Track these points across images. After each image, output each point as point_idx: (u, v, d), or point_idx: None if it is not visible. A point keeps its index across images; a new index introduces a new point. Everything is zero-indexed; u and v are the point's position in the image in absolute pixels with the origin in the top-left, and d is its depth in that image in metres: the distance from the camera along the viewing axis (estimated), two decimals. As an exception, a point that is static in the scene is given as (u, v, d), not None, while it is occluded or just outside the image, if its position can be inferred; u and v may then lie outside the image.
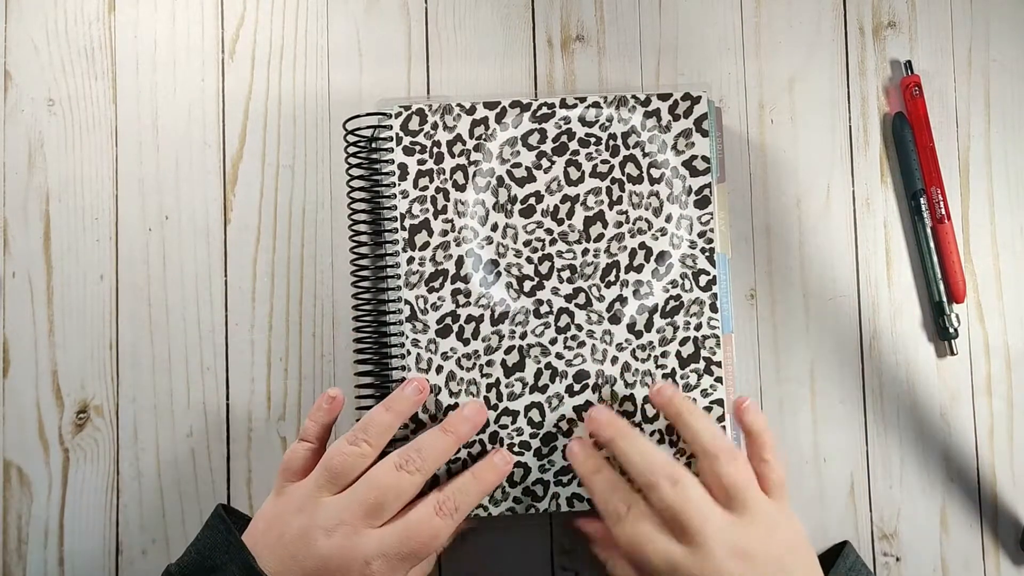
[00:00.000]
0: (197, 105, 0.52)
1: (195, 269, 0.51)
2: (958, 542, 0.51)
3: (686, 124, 0.48)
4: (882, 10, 0.53)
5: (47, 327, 0.51)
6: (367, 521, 0.42)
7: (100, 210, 0.51)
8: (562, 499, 0.48)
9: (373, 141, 0.49)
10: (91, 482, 0.50)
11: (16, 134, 0.51)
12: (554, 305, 0.48)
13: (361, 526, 0.41)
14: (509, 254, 0.48)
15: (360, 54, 0.52)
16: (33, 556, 0.50)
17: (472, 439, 0.47)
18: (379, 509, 0.42)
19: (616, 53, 0.53)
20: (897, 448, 0.51)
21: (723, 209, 0.50)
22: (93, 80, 0.52)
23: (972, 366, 0.52)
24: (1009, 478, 0.51)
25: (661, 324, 0.48)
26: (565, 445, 0.47)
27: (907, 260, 0.52)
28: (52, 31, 0.52)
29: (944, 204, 0.51)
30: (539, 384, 0.48)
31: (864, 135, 0.53)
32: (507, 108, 0.48)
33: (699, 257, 0.48)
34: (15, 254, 0.51)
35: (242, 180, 0.52)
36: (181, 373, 0.51)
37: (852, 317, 0.52)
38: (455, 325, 0.48)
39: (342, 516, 0.42)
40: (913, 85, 0.52)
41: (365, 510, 0.42)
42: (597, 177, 0.48)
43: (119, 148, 0.52)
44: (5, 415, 0.50)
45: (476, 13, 0.53)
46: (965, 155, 0.53)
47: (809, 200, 0.52)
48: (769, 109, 0.52)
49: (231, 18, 0.52)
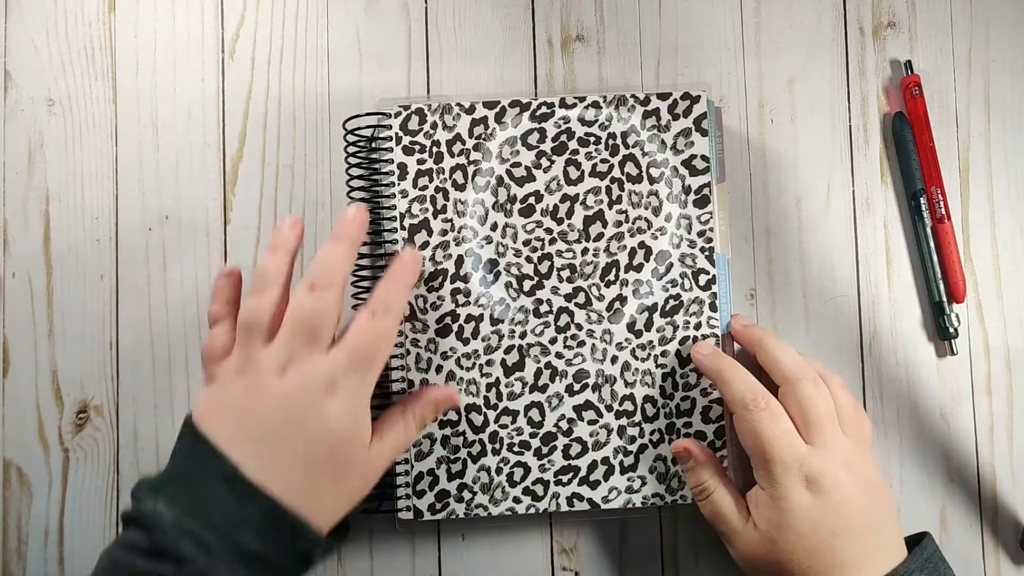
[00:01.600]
0: (197, 105, 0.52)
1: (195, 269, 0.51)
2: (958, 542, 0.51)
3: (685, 123, 0.48)
4: (882, 10, 0.53)
5: (47, 327, 0.51)
6: (310, 348, 0.40)
7: (100, 210, 0.51)
8: (562, 499, 0.48)
9: (373, 141, 0.49)
10: (91, 482, 0.50)
11: (16, 134, 0.51)
12: (554, 304, 0.48)
13: (307, 354, 0.40)
14: (509, 253, 0.48)
15: (360, 54, 0.52)
16: (33, 556, 0.50)
17: (472, 439, 0.47)
18: (315, 332, 0.41)
19: (616, 53, 0.53)
20: (897, 448, 0.51)
21: (723, 209, 0.50)
22: (93, 80, 0.52)
23: (972, 366, 0.52)
24: (1009, 478, 0.51)
25: (661, 323, 0.48)
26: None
27: (907, 260, 0.52)
28: (52, 31, 0.52)
29: (944, 204, 0.51)
30: (539, 383, 0.48)
31: (864, 135, 0.52)
32: (507, 108, 0.48)
33: (699, 256, 0.48)
34: (15, 254, 0.51)
35: (242, 180, 0.52)
36: (181, 373, 0.51)
37: (852, 317, 0.52)
38: (455, 324, 0.48)
39: (286, 353, 0.40)
40: (913, 85, 0.52)
41: (304, 338, 0.40)
42: (596, 176, 0.48)
43: (119, 148, 0.52)
44: (5, 415, 0.50)
45: (476, 13, 0.53)
46: (965, 155, 0.53)
47: (809, 200, 0.52)
48: (769, 109, 0.52)
49: (231, 18, 0.52)
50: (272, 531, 0.39)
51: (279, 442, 0.40)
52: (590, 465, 0.48)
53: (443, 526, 0.50)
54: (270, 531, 0.39)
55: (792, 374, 0.44)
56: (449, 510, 0.47)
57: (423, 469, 0.47)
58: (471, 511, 0.47)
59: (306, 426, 0.40)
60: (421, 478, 0.47)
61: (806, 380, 0.43)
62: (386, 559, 0.50)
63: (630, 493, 0.48)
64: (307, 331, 0.41)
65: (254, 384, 0.41)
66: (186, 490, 0.39)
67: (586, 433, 0.48)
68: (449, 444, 0.47)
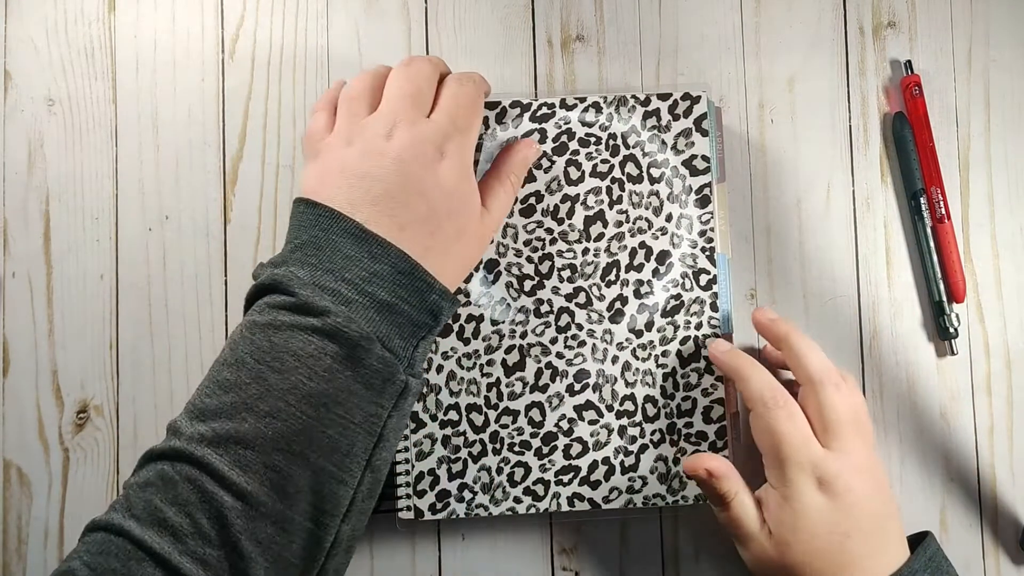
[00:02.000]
0: (197, 105, 0.52)
1: (195, 269, 0.51)
2: (958, 542, 0.51)
3: (686, 124, 0.48)
4: (882, 10, 0.53)
5: (47, 327, 0.51)
6: (415, 112, 0.42)
7: (100, 210, 0.51)
8: (562, 499, 0.48)
9: (373, 141, 0.49)
10: (91, 482, 0.50)
11: (16, 134, 0.51)
12: (554, 304, 0.48)
13: (414, 117, 0.42)
14: (509, 253, 0.48)
15: (360, 54, 0.52)
16: (33, 556, 0.50)
17: (472, 439, 0.47)
18: (419, 95, 0.43)
19: (616, 53, 0.53)
20: (897, 448, 0.51)
21: (723, 209, 0.50)
22: (93, 80, 0.52)
23: (972, 366, 0.52)
24: (1009, 478, 0.51)
25: (661, 323, 0.48)
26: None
27: (907, 260, 0.52)
28: (52, 31, 0.52)
29: (944, 204, 0.51)
30: (539, 383, 0.48)
31: (864, 135, 0.53)
32: (507, 108, 0.48)
33: (699, 256, 0.48)
34: (15, 254, 0.51)
35: (242, 180, 0.52)
36: (181, 373, 0.51)
37: (852, 317, 0.52)
38: (455, 324, 0.48)
39: (392, 117, 0.42)
40: (913, 85, 0.52)
41: (409, 102, 0.42)
42: (597, 177, 0.48)
43: (119, 148, 0.52)
44: (5, 415, 0.50)
45: (476, 13, 0.53)
46: (965, 155, 0.53)
47: (809, 200, 0.52)
48: (769, 109, 0.52)
49: (231, 18, 0.52)
50: (404, 283, 0.40)
51: (400, 202, 0.41)
52: (591, 465, 0.48)
53: (443, 526, 0.50)
54: (402, 283, 0.40)
55: (817, 375, 0.44)
56: (450, 510, 0.47)
57: (424, 469, 0.47)
58: (471, 511, 0.47)
59: (424, 186, 0.41)
60: (422, 478, 0.47)
61: (830, 383, 0.43)
62: (386, 559, 0.50)
63: (631, 493, 0.48)
64: (410, 95, 0.42)
65: (365, 149, 0.41)
66: (315, 254, 0.40)
67: (587, 433, 0.48)
68: (450, 444, 0.47)
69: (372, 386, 0.39)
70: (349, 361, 0.38)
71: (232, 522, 0.36)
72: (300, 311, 0.38)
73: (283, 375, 0.38)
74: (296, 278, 0.39)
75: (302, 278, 0.39)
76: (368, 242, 0.40)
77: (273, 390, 0.37)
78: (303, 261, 0.40)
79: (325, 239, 0.40)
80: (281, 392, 0.37)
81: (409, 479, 0.47)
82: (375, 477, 0.40)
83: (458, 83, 0.44)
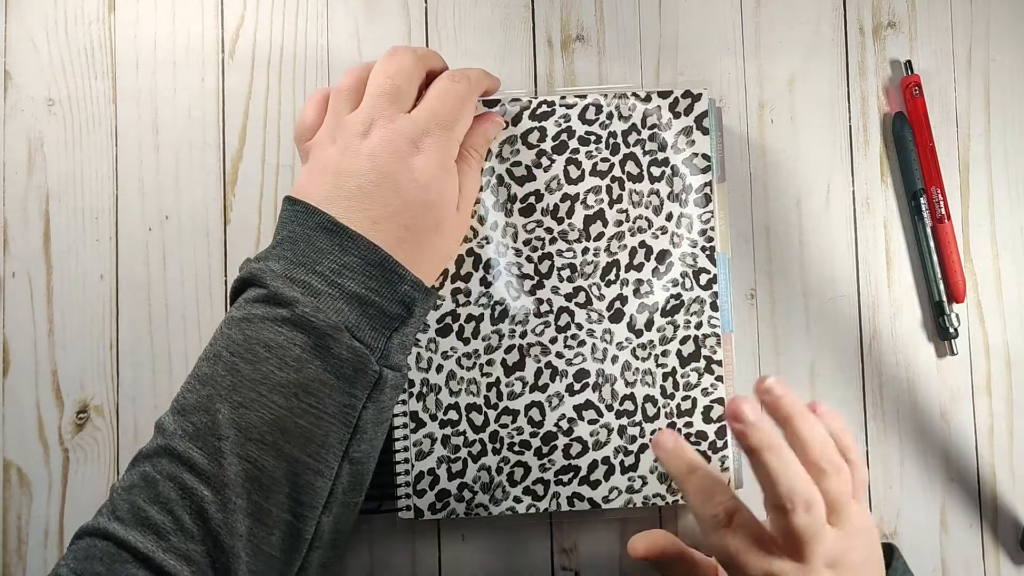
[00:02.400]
0: (197, 105, 0.52)
1: (195, 269, 0.51)
2: (958, 542, 0.51)
3: (687, 122, 0.48)
4: (882, 10, 0.53)
5: (47, 327, 0.51)
6: (392, 108, 0.43)
7: (100, 210, 0.51)
8: (562, 499, 0.48)
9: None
10: (91, 482, 0.50)
11: (16, 134, 0.51)
12: (554, 304, 0.48)
13: (391, 114, 0.43)
14: (509, 253, 0.48)
15: (360, 54, 0.52)
16: (33, 556, 0.50)
17: (472, 438, 0.47)
18: (398, 92, 0.43)
19: (616, 53, 0.53)
20: (897, 448, 0.51)
21: (723, 209, 0.50)
22: (93, 80, 0.52)
23: (972, 366, 0.52)
24: (1009, 478, 0.51)
25: (661, 323, 0.48)
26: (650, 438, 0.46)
27: (907, 260, 0.52)
28: (52, 31, 0.52)
29: (944, 204, 0.51)
30: (539, 383, 0.48)
31: (864, 135, 0.53)
32: (507, 106, 0.48)
33: (700, 256, 0.48)
34: (15, 254, 0.51)
35: (242, 180, 0.52)
36: (181, 373, 0.51)
37: (852, 317, 0.52)
38: (455, 324, 0.48)
39: (370, 115, 0.43)
40: (913, 85, 0.52)
41: (385, 100, 0.43)
42: (597, 175, 0.48)
43: (119, 148, 0.52)
44: (5, 415, 0.50)
45: (476, 13, 0.53)
46: (965, 155, 0.53)
47: (809, 200, 0.52)
48: (769, 109, 0.53)
49: (231, 18, 0.52)
50: (374, 274, 0.41)
51: (373, 197, 0.42)
52: (590, 465, 0.48)
53: (443, 526, 0.50)
54: (372, 274, 0.41)
55: (817, 462, 0.39)
56: (449, 510, 0.47)
57: (423, 468, 0.47)
58: (471, 511, 0.47)
59: (398, 181, 0.42)
60: (421, 477, 0.47)
61: (834, 473, 0.40)
62: (386, 559, 0.50)
63: (631, 493, 0.48)
64: (387, 93, 0.43)
65: (344, 147, 0.43)
66: (291, 248, 0.41)
67: (586, 433, 0.48)
68: (449, 444, 0.47)
69: (343, 376, 0.40)
70: (318, 351, 0.39)
71: (212, 516, 0.37)
72: (271, 303, 0.40)
73: (254, 366, 0.39)
74: (270, 271, 0.40)
75: (275, 271, 0.40)
76: (339, 235, 0.41)
77: (245, 381, 0.39)
78: (280, 255, 0.41)
79: (301, 233, 0.41)
80: (253, 382, 0.39)
81: (409, 479, 0.47)
82: (355, 469, 0.41)
83: (449, 80, 0.45)
